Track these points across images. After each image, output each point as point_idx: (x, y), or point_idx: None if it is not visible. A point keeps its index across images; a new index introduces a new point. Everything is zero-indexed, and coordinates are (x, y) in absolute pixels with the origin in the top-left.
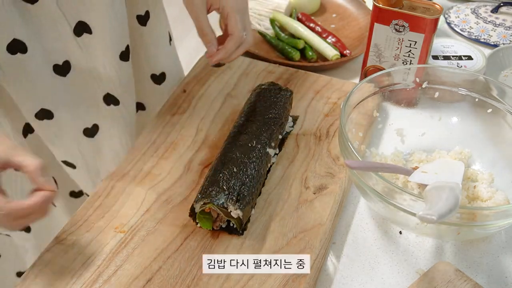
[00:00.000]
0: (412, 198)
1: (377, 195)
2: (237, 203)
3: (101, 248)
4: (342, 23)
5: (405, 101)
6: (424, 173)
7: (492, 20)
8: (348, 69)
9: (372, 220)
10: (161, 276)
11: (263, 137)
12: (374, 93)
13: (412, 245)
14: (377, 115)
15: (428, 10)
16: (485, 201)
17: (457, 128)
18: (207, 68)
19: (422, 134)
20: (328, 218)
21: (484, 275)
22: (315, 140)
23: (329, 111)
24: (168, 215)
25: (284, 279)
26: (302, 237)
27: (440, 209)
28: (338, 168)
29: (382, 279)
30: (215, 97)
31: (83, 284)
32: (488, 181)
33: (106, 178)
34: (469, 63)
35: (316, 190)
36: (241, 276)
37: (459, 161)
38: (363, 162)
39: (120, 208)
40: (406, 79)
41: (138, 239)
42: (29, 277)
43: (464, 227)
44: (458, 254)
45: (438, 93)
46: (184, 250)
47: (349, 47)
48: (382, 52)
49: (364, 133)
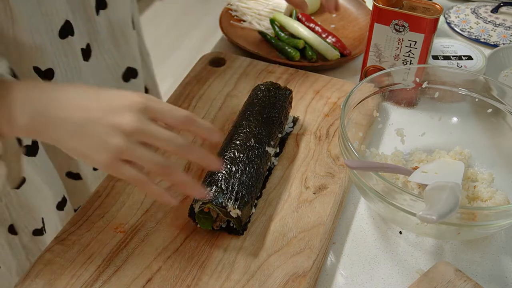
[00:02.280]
0: (412, 198)
1: (377, 195)
2: (236, 203)
3: (101, 248)
4: (342, 23)
5: (405, 101)
6: (424, 173)
7: (492, 20)
8: (348, 69)
9: (372, 220)
10: (161, 276)
11: (262, 136)
12: (374, 93)
13: (412, 245)
14: (377, 115)
15: (428, 10)
16: (485, 201)
17: (457, 128)
18: (207, 68)
19: (422, 134)
20: (328, 218)
21: (484, 275)
22: (315, 140)
23: (329, 111)
24: (168, 215)
25: (284, 279)
26: (302, 237)
27: (440, 209)
28: (338, 168)
29: (382, 279)
30: (215, 97)
31: (83, 284)
32: (488, 181)
33: (106, 178)
34: (469, 63)
35: (316, 190)
36: (241, 276)
37: (459, 161)
38: (363, 162)
39: (120, 208)
40: (406, 79)
41: (138, 239)
42: (29, 277)
43: (464, 227)
44: (458, 254)
45: (438, 93)
46: (184, 250)
47: (349, 47)
48: (382, 52)
49: (364, 133)
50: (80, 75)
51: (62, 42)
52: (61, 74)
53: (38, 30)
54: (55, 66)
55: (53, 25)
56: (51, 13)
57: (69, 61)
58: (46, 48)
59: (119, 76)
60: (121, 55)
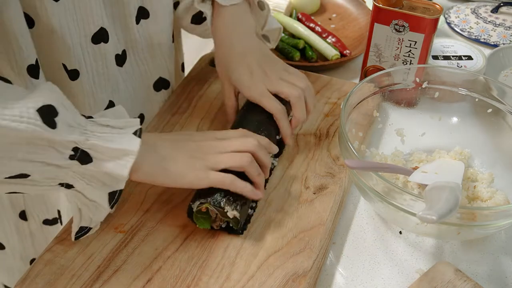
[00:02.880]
0: (412, 198)
1: (377, 195)
2: (233, 203)
3: (101, 248)
4: (342, 23)
5: (405, 101)
6: (424, 173)
7: (492, 20)
8: (348, 69)
9: (372, 220)
10: (161, 276)
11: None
12: (374, 93)
13: (412, 245)
14: (377, 115)
15: (428, 10)
16: (485, 201)
17: (457, 128)
18: (207, 68)
19: (422, 134)
20: (328, 218)
21: (484, 275)
22: (315, 140)
23: (329, 111)
24: (168, 215)
25: (284, 279)
26: (302, 237)
27: (440, 209)
28: (338, 168)
29: (382, 279)
30: (215, 97)
31: (83, 284)
32: (488, 181)
33: None
34: (469, 63)
35: (316, 190)
36: (241, 276)
37: (459, 161)
38: (363, 162)
39: (120, 208)
40: (406, 79)
41: (138, 239)
42: (29, 277)
43: (464, 227)
44: (458, 254)
45: (438, 93)
46: (184, 250)
47: (349, 47)
48: (382, 52)
49: (364, 133)
50: (109, 80)
51: (93, 47)
52: (87, 77)
53: (69, 32)
54: (81, 68)
55: (86, 31)
56: (86, 19)
57: (98, 66)
58: (75, 49)
59: (150, 84)
60: (155, 65)
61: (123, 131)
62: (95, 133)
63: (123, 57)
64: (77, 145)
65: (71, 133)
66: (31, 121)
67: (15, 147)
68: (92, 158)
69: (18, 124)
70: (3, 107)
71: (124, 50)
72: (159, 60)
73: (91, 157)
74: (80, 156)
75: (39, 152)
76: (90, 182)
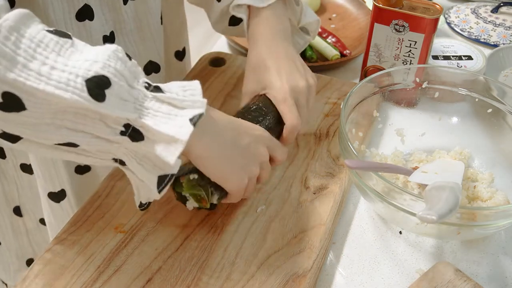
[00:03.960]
0: (412, 198)
1: (377, 195)
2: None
3: (101, 248)
4: (342, 23)
5: (405, 101)
6: (424, 173)
7: (492, 20)
8: (348, 69)
9: (372, 220)
10: (161, 276)
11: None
12: (374, 93)
13: (412, 245)
14: (377, 115)
15: (428, 10)
16: (485, 201)
17: (457, 128)
18: (207, 68)
19: (422, 134)
20: (328, 218)
21: (484, 275)
22: (315, 140)
23: (329, 111)
24: (168, 215)
25: (284, 279)
26: (302, 237)
27: (440, 209)
28: (338, 168)
29: (382, 279)
30: (215, 97)
31: (83, 284)
32: (488, 181)
33: (106, 178)
34: (469, 63)
35: (316, 190)
36: (241, 276)
37: (459, 161)
38: (363, 162)
39: (120, 208)
40: (406, 79)
41: (138, 239)
42: (29, 277)
43: (464, 227)
44: (458, 254)
45: (438, 93)
46: (184, 250)
47: (349, 47)
48: (382, 52)
49: (364, 133)
50: None
51: (78, 24)
52: None
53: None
54: None
55: (70, 7)
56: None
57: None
58: (59, 26)
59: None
60: (145, 47)
61: (182, 112)
62: (150, 110)
63: (112, 39)
64: (129, 121)
65: (123, 108)
66: (76, 91)
67: (62, 115)
68: (144, 137)
69: (64, 92)
70: (51, 66)
71: (112, 32)
72: (149, 42)
73: (143, 136)
74: (131, 133)
75: (88, 123)
76: (141, 161)
